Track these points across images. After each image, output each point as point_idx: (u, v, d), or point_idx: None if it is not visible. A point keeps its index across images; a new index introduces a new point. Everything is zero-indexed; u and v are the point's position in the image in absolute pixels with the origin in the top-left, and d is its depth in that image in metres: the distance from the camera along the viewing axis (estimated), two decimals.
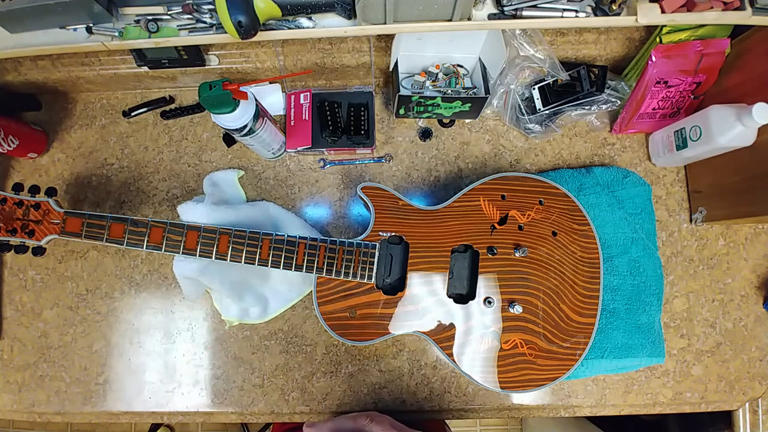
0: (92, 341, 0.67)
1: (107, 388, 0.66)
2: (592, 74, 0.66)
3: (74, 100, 0.74)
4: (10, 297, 0.69)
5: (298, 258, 0.55)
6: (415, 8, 0.48)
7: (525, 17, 0.51)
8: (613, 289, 0.64)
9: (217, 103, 0.51)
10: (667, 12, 0.49)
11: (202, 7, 0.51)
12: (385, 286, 0.58)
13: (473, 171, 0.70)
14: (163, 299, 0.68)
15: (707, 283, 0.67)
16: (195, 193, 0.70)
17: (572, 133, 0.71)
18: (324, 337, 0.66)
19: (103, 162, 0.72)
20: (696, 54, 0.59)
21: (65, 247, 0.69)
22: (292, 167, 0.70)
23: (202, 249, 0.55)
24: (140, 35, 0.52)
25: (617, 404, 0.65)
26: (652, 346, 0.63)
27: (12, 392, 0.67)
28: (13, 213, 0.55)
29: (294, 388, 0.65)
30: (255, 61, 0.67)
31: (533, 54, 0.62)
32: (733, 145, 0.56)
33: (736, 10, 0.50)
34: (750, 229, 0.68)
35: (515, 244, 0.58)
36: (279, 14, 0.49)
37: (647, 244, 0.66)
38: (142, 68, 0.67)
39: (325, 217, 0.69)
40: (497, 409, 0.65)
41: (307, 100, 0.70)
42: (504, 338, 0.56)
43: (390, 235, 0.58)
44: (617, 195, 0.67)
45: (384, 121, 0.72)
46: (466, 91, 0.66)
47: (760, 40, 0.56)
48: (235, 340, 0.66)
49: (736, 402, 0.66)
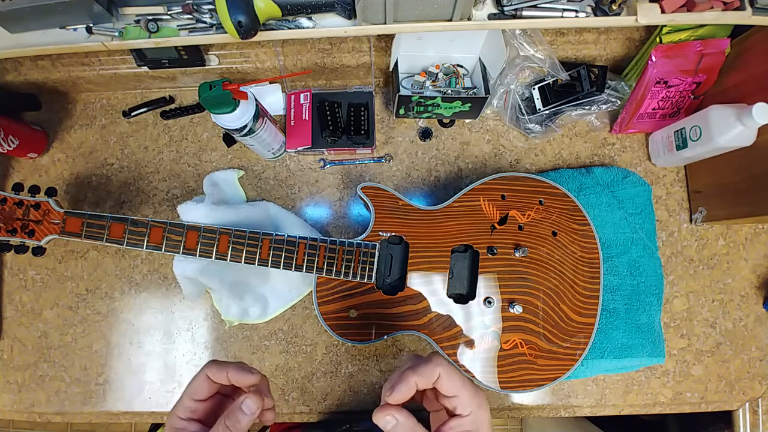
0: (92, 341, 0.67)
1: (107, 388, 0.66)
2: (592, 74, 0.66)
3: (74, 100, 0.74)
4: (10, 297, 0.69)
5: (298, 258, 0.55)
6: (415, 8, 0.48)
7: (525, 17, 0.51)
8: (613, 289, 0.64)
9: (217, 103, 0.51)
10: (667, 12, 0.49)
11: (202, 7, 0.51)
12: (385, 286, 0.58)
13: (473, 171, 0.70)
14: (163, 299, 0.68)
15: (707, 283, 0.67)
16: (195, 193, 0.70)
17: (572, 133, 0.71)
18: (324, 337, 0.66)
19: (103, 162, 0.72)
20: (696, 54, 0.59)
21: (65, 247, 0.69)
22: (292, 167, 0.70)
23: (202, 249, 0.55)
24: (140, 35, 0.52)
25: (617, 404, 0.65)
26: (652, 346, 0.63)
27: (12, 392, 0.67)
28: (13, 213, 0.55)
29: (294, 388, 0.65)
30: (255, 61, 0.67)
31: (533, 54, 0.62)
32: (733, 145, 0.56)
33: (736, 10, 0.50)
34: (750, 229, 0.68)
35: (515, 244, 0.58)
36: (279, 14, 0.49)
37: (647, 244, 0.66)
38: (142, 68, 0.67)
39: (325, 217, 0.69)
40: (497, 409, 0.65)
41: (307, 100, 0.70)
42: (504, 338, 0.56)
43: (390, 235, 0.58)
44: (617, 195, 0.67)
45: (384, 121, 0.72)
46: (466, 91, 0.66)
47: (760, 40, 0.56)
48: (235, 340, 0.66)
49: (736, 402, 0.66)
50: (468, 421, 0.35)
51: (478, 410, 0.35)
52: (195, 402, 0.38)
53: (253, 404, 0.36)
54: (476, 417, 0.35)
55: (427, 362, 0.36)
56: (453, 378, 0.35)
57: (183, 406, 0.38)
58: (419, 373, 0.35)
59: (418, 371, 0.35)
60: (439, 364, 0.35)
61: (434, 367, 0.35)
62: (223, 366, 0.38)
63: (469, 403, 0.35)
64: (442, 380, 0.35)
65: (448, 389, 0.35)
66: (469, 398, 0.35)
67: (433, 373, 0.35)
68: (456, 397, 0.35)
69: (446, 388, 0.35)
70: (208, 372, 0.38)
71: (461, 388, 0.35)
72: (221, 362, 0.38)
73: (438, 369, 0.35)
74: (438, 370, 0.35)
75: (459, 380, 0.36)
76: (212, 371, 0.38)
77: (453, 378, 0.35)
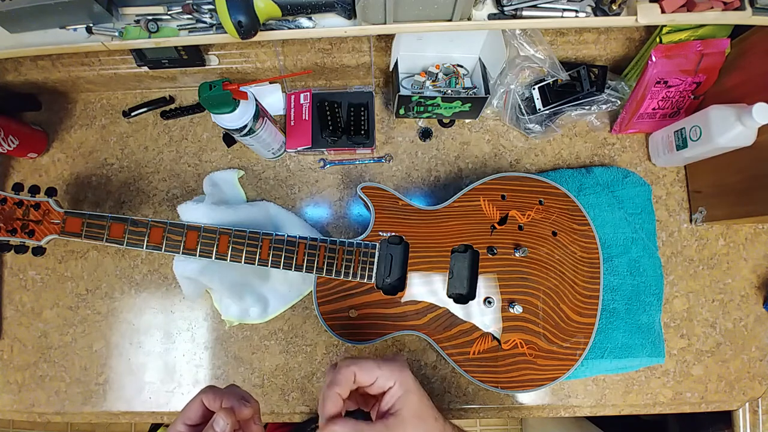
0: (92, 341, 0.67)
1: (107, 388, 0.66)
2: (592, 74, 0.66)
3: (74, 100, 0.74)
4: (10, 297, 0.69)
5: (298, 258, 0.55)
6: (415, 8, 0.48)
7: (525, 17, 0.51)
8: (613, 289, 0.64)
9: (217, 103, 0.51)
10: (667, 12, 0.49)
11: (202, 7, 0.51)
12: (385, 286, 0.58)
13: (473, 171, 0.70)
14: (163, 299, 0.68)
15: (707, 283, 0.67)
16: (195, 193, 0.70)
17: (572, 133, 0.71)
18: (324, 337, 0.66)
19: (103, 162, 0.72)
20: (696, 54, 0.59)
21: (65, 247, 0.69)
22: (292, 167, 0.70)
23: (202, 249, 0.55)
24: (140, 35, 0.52)
25: (617, 404, 0.65)
26: (652, 346, 0.63)
27: (12, 392, 0.67)
28: (13, 213, 0.55)
29: (294, 388, 0.65)
30: (255, 61, 0.67)
31: (533, 54, 0.62)
32: (733, 145, 0.56)
33: (736, 10, 0.50)
34: (750, 229, 0.68)
35: (515, 244, 0.58)
36: (279, 14, 0.49)
37: (647, 244, 0.66)
38: (142, 68, 0.67)
39: (325, 217, 0.69)
40: (497, 409, 0.65)
41: (307, 100, 0.70)
42: (504, 338, 0.56)
43: (390, 235, 0.58)
44: (617, 195, 0.67)
45: (384, 121, 0.72)
46: (466, 91, 0.66)
47: (760, 40, 0.56)
48: (235, 340, 0.66)
49: (736, 402, 0.66)
50: (396, 388, 0.38)
51: (400, 375, 0.38)
52: (187, 427, 0.38)
53: (222, 421, 0.36)
54: (400, 381, 0.38)
55: (338, 370, 0.38)
56: (366, 368, 0.38)
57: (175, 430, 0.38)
58: (336, 383, 0.37)
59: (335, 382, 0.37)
60: (349, 365, 0.38)
61: (345, 370, 0.37)
62: (218, 394, 0.38)
63: (390, 376, 0.38)
64: (358, 376, 0.38)
65: (367, 379, 0.38)
66: (389, 372, 0.38)
67: (347, 376, 0.37)
68: (377, 379, 0.38)
69: (365, 379, 0.38)
70: (203, 397, 0.38)
71: (376, 369, 0.38)
72: (217, 390, 0.39)
73: (350, 369, 0.38)
74: (350, 370, 0.37)
75: (372, 365, 0.38)
76: (207, 398, 0.38)
77: (366, 368, 0.38)
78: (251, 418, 0.39)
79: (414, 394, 0.38)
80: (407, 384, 0.39)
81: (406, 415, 0.37)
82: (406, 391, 0.38)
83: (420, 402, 0.39)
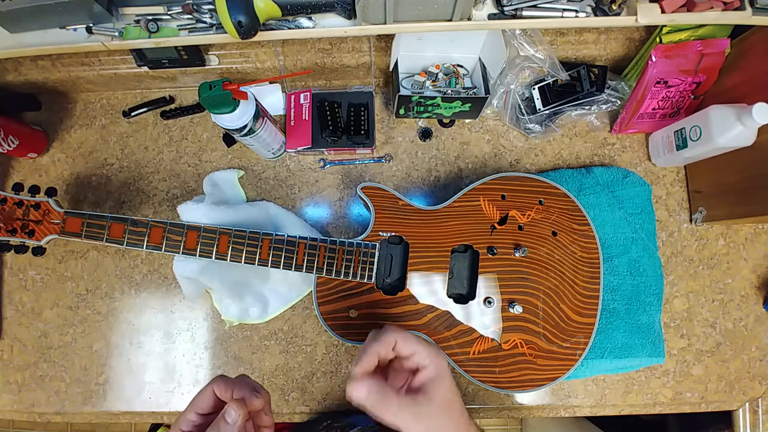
0: (92, 341, 0.67)
1: (107, 388, 0.66)
2: (592, 74, 0.66)
3: (74, 100, 0.74)
4: (10, 297, 0.69)
5: (298, 258, 0.55)
6: (415, 8, 0.48)
7: (525, 17, 0.51)
8: (613, 289, 0.64)
9: (217, 103, 0.51)
10: (667, 12, 0.49)
11: (202, 7, 0.51)
12: (385, 286, 0.58)
13: (473, 171, 0.70)
14: (163, 299, 0.68)
15: (707, 283, 0.67)
16: (195, 193, 0.70)
17: (572, 133, 0.71)
18: (324, 337, 0.66)
19: (103, 162, 0.72)
20: (696, 54, 0.59)
21: (65, 247, 0.69)
22: (292, 167, 0.70)
23: (202, 249, 0.55)
24: (140, 35, 0.52)
25: (617, 404, 0.65)
26: (652, 346, 0.63)
27: (12, 392, 0.67)
28: (13, 213, 0.55)
29: (294, 388, 0.65)
30: (255, 61, 0.67)
31: (533, 54, 0.62)
32: (733, 145, 0.56)
33: (736, 10, 0.50)
34: (750, 229, 0.68)
35: (515, 244, 0.58)
36: (279, 14, 0.49)
37: (647, 244, 0.66)
38: (142, 68, 0.67)
39: (325, 217, 0.69)
40: (497, 409, 0.65)
41: (307, 100, 0.70)
42: (504, 338, 0.56)
43: (390, 235, 0.58)
44: (617, 195, 0.67)
45: (384, 121, 0.72)
46: (466, 91, 0.66)
47: (760, 40, 0.56)
48: (235, 340, 0.66)
49: (736, 402, 0.66)
50: (431, 369, 0.39)
51: (437, 359, 0.39)
52: (198, 416, 0.38)
53: (234, 412, 0.36)
54: (437, 364, 0.39)
55: (383, 331, 0.40)
56: (408, 339, 0.39)
57: (186, 419, 0.38)
58: (378, 341, 0.39)
59: (377, 340, 0.39)
60: (395, 330, 0.39)
61: (389, 334, 0.39)
62: (229, 384, 0.38)
63: (427, 355, 0.39)
64: (399, 344, 0.39)
65: (406, 349, 0.39)
66: (427, 351, 0.39)
67: (390, 338, 0.39)
68: (414, 353, 0.39)
69: (404, 349, 0.39)
70: (214, 387, 0.38)
71: (417, 344, 0.39)
72: (228, 380, 0.39)
73: (394, 335, 0.39)
74: (394, 336, 0.39)
75: (414, 340, 0.40)
76: (219, 388, 0.38)
77: (408, 339, 0.39)
78: (262, 409, 0.39)
79: (447, 381, 0.39)
80: (442, 369, 0.39)
81: (436, 397, 0.38)
82: (440, 376, 0.39)
83: (450, 391, 0.39)
